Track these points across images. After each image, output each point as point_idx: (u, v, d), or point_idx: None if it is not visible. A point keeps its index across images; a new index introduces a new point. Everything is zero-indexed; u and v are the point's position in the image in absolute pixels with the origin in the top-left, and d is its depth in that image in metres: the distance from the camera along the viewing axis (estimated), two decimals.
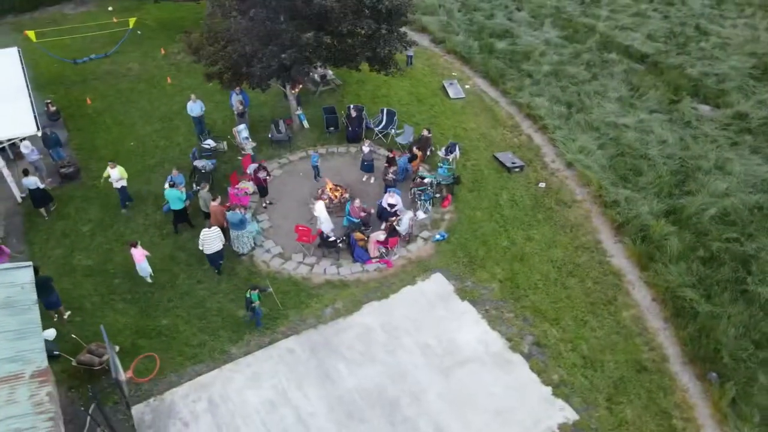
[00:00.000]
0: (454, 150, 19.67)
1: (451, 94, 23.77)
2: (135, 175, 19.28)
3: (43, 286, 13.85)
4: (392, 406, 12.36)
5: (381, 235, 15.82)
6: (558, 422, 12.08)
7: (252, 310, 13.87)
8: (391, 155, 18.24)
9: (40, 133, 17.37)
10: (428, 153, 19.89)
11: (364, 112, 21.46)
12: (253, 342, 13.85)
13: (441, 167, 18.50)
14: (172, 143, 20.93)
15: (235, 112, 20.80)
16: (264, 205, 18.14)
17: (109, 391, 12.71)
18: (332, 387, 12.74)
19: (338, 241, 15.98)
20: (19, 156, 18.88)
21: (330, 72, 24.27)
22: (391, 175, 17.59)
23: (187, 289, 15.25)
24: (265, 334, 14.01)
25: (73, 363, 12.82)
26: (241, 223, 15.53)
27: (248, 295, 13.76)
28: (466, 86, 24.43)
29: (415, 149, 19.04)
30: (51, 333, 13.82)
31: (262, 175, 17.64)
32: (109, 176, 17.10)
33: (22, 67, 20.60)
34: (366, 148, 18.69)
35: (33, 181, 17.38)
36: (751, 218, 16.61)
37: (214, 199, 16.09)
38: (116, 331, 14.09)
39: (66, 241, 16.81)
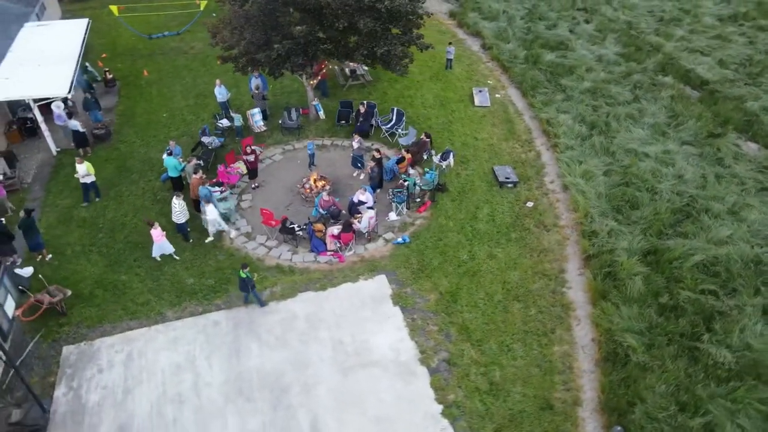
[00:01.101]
0: (448, 157, 19.47)
1: (476, 102, 23.38)
2: (156, 143, 21.15)
3: (28, 229, 15.80)
4: (282, 392, 12.79)
5: (335, 230, 16.18)
6: None
7: (251, 289, 14.11)
8: (378, 155, 18.44)
9: (70, 96, 19.53)
10: (424, 157, 19.83)
11: (375, 110, 21.75)
12: (188, 309, 14.84)
13: (428, 173, 18.42)
14: (197, 119, 22.54)
15: (252, 96, 21.93)
16: (253, 186, 19.10)
17: (56, 329, 14.27)
18: (237, 363, 13.40)
19: (297, 229, 16.54)
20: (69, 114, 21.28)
21: (363, 67, 24.77)
22: (369, 173, 17.84)
23: (130, 268, 16.44)
24: (201, 304, 14.96)
25: (31, 299, 14.51)
26: (207, 197, 16.53)
27: (243, 275, 13.92)
28: (497, 95, 23.89)
29: (404, 151, 19.09)
30: (28, 270, 15.70)
31: (250, 158, 18.59)
32: (77, 172, 17.59)
33: (84, 37, 23.11)
34: (355, 144, 19.05)
35: (75, 124, 19.78)
36: (742, 272, 14.95)
37: (195, 172, 17.27)
38: (81, 279, 15.71)
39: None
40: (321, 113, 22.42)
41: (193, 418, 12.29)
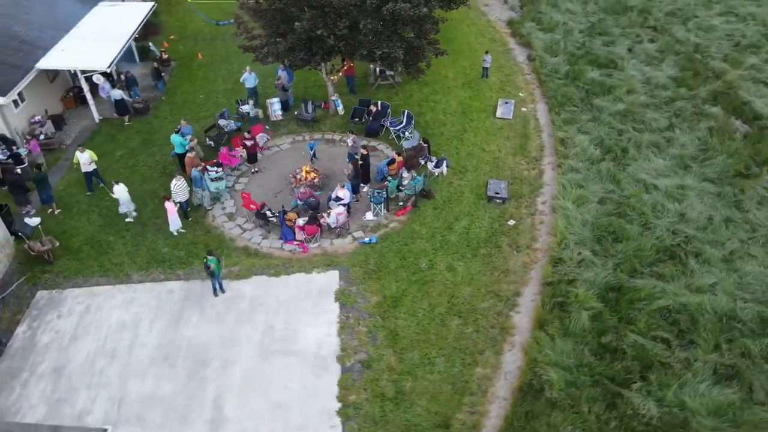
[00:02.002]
0: (441, 165, 19.38)
1: (498, 113, 22.94)
2: (188, 121, 22.65)
3: (40, 183, 17.80)
4: (202, 364, 13.60)
5: (302, 221, 16.74)
6: None
7: (211, 275, 14.97)
8: (364, 152, 18.76)
9: (109, 71, 21.58)
10: (421, 162, 19.84)
11: (388, 111, 22.02)
12: (152, 275, 16.09)
13: (415, 178, 18.47)
14: (229, 103, 23.96)
15: (276, 86, 22.95)
16: (252, 171, 20.12)
17: (39, 275, 16.06)
18: (173, 331, 14.40)
19: (270, 215, 17.30)
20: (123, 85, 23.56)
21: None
22: (350, 172, 18.23)
23: (145, 219, 18.04)
24: (165, 272, 16.15)
25: (25, 246, 16.41)
26: (197, 181, 17.70)
27: (205, 261, 14.82)
28: (523, 109, 23.27)
29: (395, 154, 19.24)
30: (35, 221, 17.68)
31: (249, 143, 19.59)
32: (78, 161, 18.29)
33: (143, 19, 25.29)
34: (350, 141, 19.46)
35: (119, 93, 21.93)
36: (708, 325, 13.73)
37: (190, 150, 18.53)
38: (76, 234, 17.49)
39: (103, 159, 20.72)
40: (340, 109, 23.00)
41: (117, 372, 13.41)
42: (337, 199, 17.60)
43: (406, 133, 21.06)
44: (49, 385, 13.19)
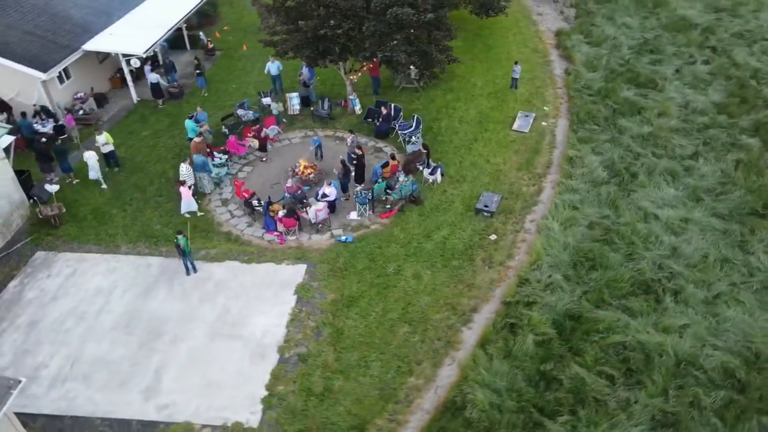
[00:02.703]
0: (436, 172, 19.31)
1: (515, 126, 22.46)
2: (213, 109, 23.87)
3: (60, 154, 19.48)
4: (155, 336, 14.45)
5: (281, 213, 17.29)
6: (237, 420, 12.59)
7: (182, 254, 15.75)
8: (359, 152, 19.04)
9: (144, 56, 23.13)
10: (419, 168, 19.85)
11: (400, 114, 22.14)
12: (138, 249, 17.20)
13: (404, 184, 18.55)
14: (256, 94, 24.97)
15: (299, 81, 23.66)
16: (262, 159, 20.94)
17: (43, 237, 17.64)
18: (141, 301, 15.38)
19: (256, 205, 17.98)
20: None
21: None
22: (339, 171, 18.58)
23: (149, 197, 19.26)
24: (150, 248, 17.22)
25: (37, 209, 18.06)
26: (203, 165, 18.68)
27: (176, 240, 15.59)
28: (543, 123, 22.64)
29: (390, 157, 19.36)
30: (54, 188, 19.26)
31: (262, 134, 20.44)
32: (97, 142, 19.33)
33: (191, 9, 26.81)
34: (349, 141, 19.79)
35: (155, 77, 23.54)
36: (662, 368, 12.94)
37: (199, 135, 19.57)
38: (85, 203, 18.97)
39: (129, 137, 22.40)
40: (357, 108, 23.36)
41: (79, 333, 14.53)
42: (324, 196, 17.98)
43: (413, 138, 21.06)
44: (21, 336, 14.50)
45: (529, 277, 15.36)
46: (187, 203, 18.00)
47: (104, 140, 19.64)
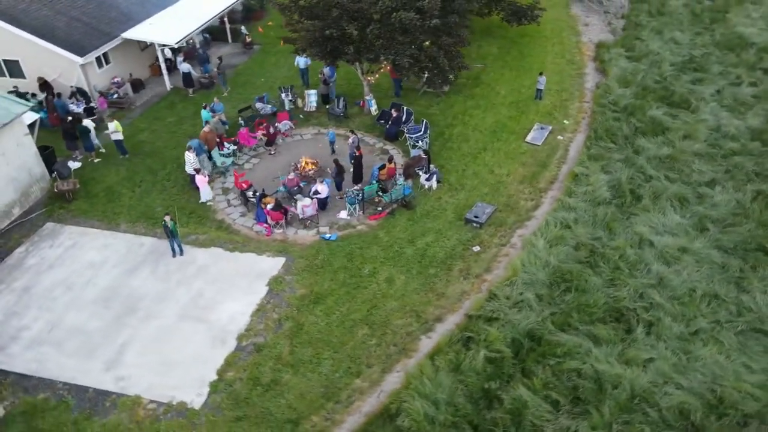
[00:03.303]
0: (432, 179, 19.23)
1: (528, 138, 22.00)
2: (237, 101, 24.78)
3: (83, 133, 20.83)
4: (128, 312, 15.24)
5: (269, 206, 17.77)
6: (183, 399, 13.09)
7: (169, 235, 16.42)
8: (357, 153, 19.24)
9: (176, 46, 24.30)
10: (418, 173, 19.82)
11: (411, 117, 22.16)
12: (135, 228, 18.14)
13: (396, 187, 18.60)
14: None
15: (320, 78, 24.13)
16: (270, 152, 21.57)
17: (56, 209, 18.97)
18: (125, 278, 16.26)
19: (251, 196, 18.56)
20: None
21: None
22: (332, 169, 18.87)
23: (158, 180, 20.26)
24: (146, 228, 18.14)
25: (54, 184, 19.44)
26: (198, 148, 19.49)
27: (164, 222, 16.24)
28: (559, 137, 22.03)
29: (387, 160, 19.44)
30: (76, 165, 20.76)
31: (270, 130, 21.07)
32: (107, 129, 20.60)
33: (229, 5, 27.86)
34: (350, 140, 20.03)
35: (186, 67, 24.78)
36: (616, 403, 12.40)
37: (206, 124, 20.40)
38: (101, 181, 20.19)
39: (154, 122, 23.65)
40: (373, 109, 23.56)
41: (64, 302, 15.56)
42: (315, 193, 18.30)
43: (419, 142, 21.02)
44: (14, 299, 15.70)
45: (498, 292, 15.03)
46: (205, 191, 18.74)
47: (113, 128, 20.68)
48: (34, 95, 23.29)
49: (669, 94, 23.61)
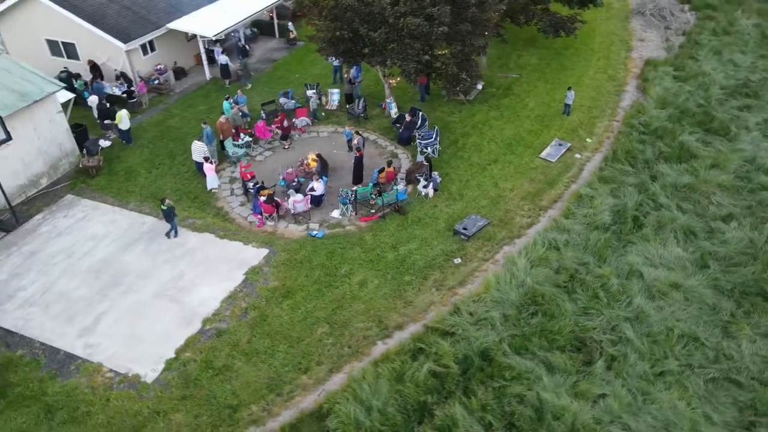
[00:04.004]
0: (428, 186, 19.13)
1: (543, 153, 21.42)
2: (268, 93, 25.66)
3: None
4: (113, 284, 16.18)
5: (263, 198, 18.32)
6: (138, 372, 13.81)
7: (166, 218, 17.35)
8: (358, 154, 19.47)
9: (214, 38, 25.43)
10: (419, 179, 19.77)
11: (425, 123, 22.09)
12: (141, 208, 19.18)
13: (388, 191, 18.66)
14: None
15: (345, 78, 24.50)
16: (284, 147, 22.22)
17: (79, 183, 20.46)
18: (119, 252, 17.29)
19: (250, 187, 19.22)
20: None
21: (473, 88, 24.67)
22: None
23: (174, 165, 21.32)
24: (152, 208, 19.17)
25: (81, 160, 20.97)
26: (209, 138, 20.37)
27: (164, 208, 17.05)
28: (576, 155, 21.27)
29: (386, 165, 19.50)
30: (105, 143, 22.27)
31: (285, 124, 21.70)
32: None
33: (271, 3, 28.76)
34: (355, 141, 20.26)
35: (224, 59, 26.01)
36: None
37: (204, 121, 21.30)
38: (125, 160, 21.54)
39: (187, 109, 24.89)
40: (393, 111, 23.66)
41: (61, 268, 16.77)
42: (311, 189, 18.67)
43: (427, 149, 20.92)
44: (20, 261, 17.10)
45: (463, 307, 14.77)
46: (212, 179, 19.63)
47: (119, 118, 21.65)
48: (79, 76, 25.05)
49: (708, 120, 22.16)
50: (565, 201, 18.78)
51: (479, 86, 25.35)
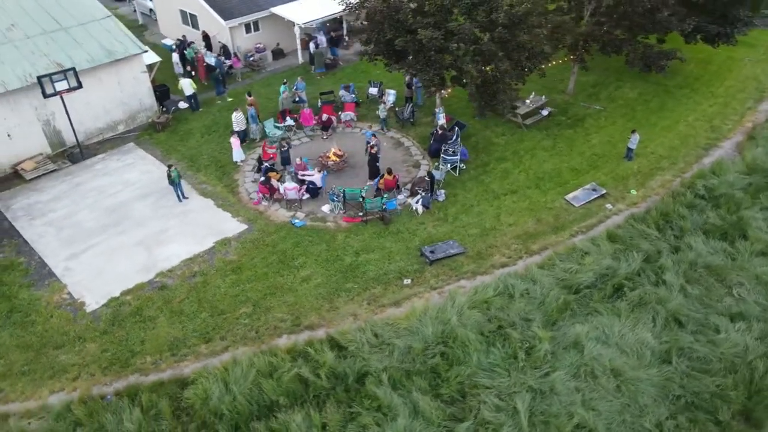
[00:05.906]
0: (418, 202, 18.80)
1: (569, 195, 19.65)
2: (319, 86, 26.71)
3: (216, 81, 25.11)
4: (116, 224, 18.40)
5: (261, 179, 19.52)
6: (85, 301, 15.78)
7: (171, 183, 19.21)
8: (372, 151, 19.83)
9: (303, 25, 27.11)
10: (420, 193, 19.44)
11: (456, 138, 21.47)
12: (175, 166, 21.58)
13: (369, 199, 18.68)
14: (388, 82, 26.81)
15: (405, 82, 24.63)
16: (323, 137, 23.24)
17: (146, 135, 23.59)
18: (135, 200, 19.65)
19: (256, 169, 20.55)
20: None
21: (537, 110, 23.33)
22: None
23: (222, 134, 23.29)
24: (183, 167, 21.46)
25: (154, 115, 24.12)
26: (252, 118, 22.07)
27: (171, 172, 19.09)
28: (607, 206, 19.17)
29: (386, 173, 19.41)
30: (183, 105, 25.25)
31: (324, 117, 22.75)
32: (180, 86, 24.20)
33: None
34: (373, 141, 20.50)
35: (313, 47, 27.88)
36: None
37: (249, 94, 22.91)
38: (191, 122, 24.21)
39: (265, 87, 26.95)
40: (440, 122, 23.28)
41: (89, 202, 19.55)
42: (312, 183, 19.45)
43: (444, 165, 20.39)
44: (66, 188, 20.40)
45: (371, 327, 14.47)
46: (237, 152, 21.48)
47: (185, 85, 24.07)
48: (192, 44, 28.42)
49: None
50: (555, 251, 17.01)
51: (544, 112, 23.70)
